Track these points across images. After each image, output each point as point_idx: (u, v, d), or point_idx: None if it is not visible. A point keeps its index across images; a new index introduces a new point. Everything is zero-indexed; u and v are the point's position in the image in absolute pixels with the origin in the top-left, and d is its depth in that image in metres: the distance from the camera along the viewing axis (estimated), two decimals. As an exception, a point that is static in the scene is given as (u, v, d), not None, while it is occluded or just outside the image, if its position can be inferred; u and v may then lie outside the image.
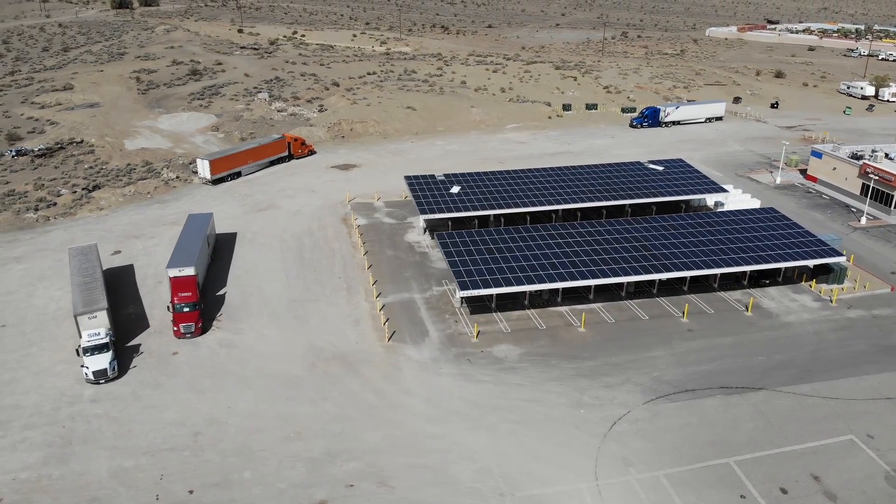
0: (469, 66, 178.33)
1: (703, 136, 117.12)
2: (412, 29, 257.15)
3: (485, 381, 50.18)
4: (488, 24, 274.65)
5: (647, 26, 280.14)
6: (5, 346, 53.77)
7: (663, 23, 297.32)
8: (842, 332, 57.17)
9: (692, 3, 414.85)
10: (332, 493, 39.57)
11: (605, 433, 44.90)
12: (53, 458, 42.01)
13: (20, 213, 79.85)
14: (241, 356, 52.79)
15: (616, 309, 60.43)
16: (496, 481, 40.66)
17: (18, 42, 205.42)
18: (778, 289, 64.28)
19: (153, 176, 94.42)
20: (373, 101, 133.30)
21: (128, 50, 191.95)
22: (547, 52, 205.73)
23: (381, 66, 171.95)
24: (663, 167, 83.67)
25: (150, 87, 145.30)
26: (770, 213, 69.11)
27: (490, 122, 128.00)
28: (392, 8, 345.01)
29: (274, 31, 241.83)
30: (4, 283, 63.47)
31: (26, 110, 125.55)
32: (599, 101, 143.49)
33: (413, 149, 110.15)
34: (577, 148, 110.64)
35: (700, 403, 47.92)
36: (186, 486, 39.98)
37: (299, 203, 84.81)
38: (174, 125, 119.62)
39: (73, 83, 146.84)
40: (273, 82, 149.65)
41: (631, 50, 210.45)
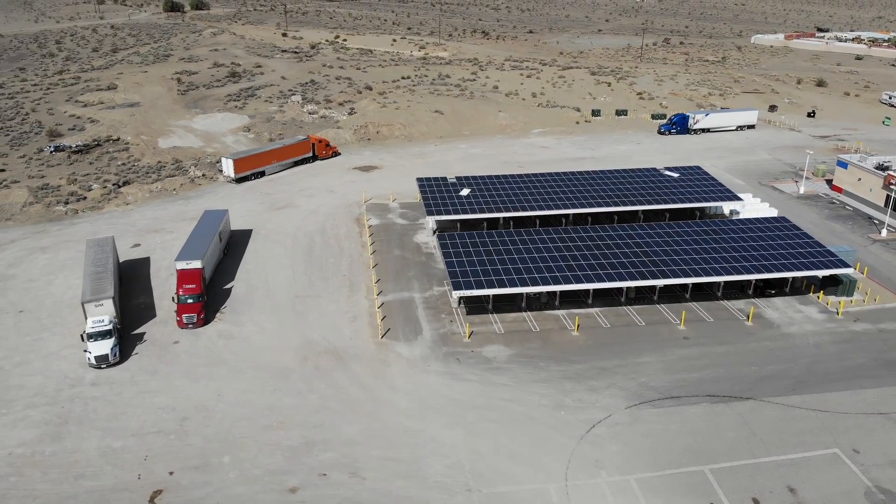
0: (504, 70, 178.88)
1: (732, 144, 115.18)
2: (452, 34, 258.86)
3: (470, 380, 50.80)
4: (529, 29, 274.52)
5: (691, 33, 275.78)
6: (21, 330, 56.73)
7: (709, 29, 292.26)
8: (843, 344, 55.91)
9: (742, 9, 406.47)
10: (304, 481, 40.78)
11: (581, 435, 45.04)
12: (48, 435, 44.32)
13: (51, 205, 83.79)
14: (237, 347, 54.59)
15: (614, 314, 60.29)
16: (465, 477, 41.27)
17: (71, 42, 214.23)
18: (784, 299, 63.13)
19: (181, 173, 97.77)
20: (402, 104, 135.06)
21: (173, 52, 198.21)
22: (584, 58, 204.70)
23: (416, 71, 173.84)
24: (679, 174, 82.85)
25: (189, 87, 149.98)
26: (781, 223, 67.92)
27: (516, 126, 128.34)
28: (436, 13, 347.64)
29: (317, 35, 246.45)
30: (27, 272, 66.81)
31: (70, 108, 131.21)
32: (631, 107, 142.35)
33: (436, 152, 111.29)
34: (601, 153, 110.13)
35: (683, 410, 47.60)
36: (168, 467, 41.73)
37: (317, 202, 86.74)
38: (208, 125, 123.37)
39: (117, 83, 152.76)
40: (308, 85, 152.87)
41: (671, 56, 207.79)
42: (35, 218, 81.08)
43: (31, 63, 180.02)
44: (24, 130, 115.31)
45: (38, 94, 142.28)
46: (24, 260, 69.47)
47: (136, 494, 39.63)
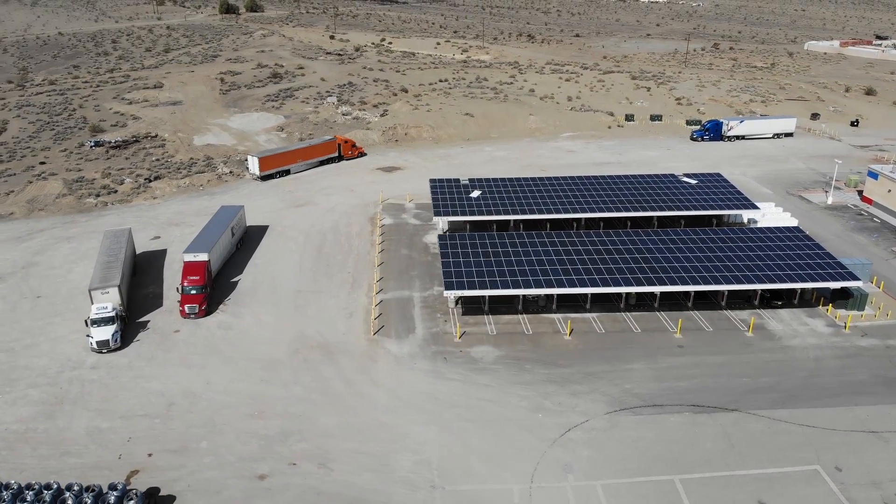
0: (544, 74, 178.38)
1: (766, 152, 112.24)
2: (497, 37, 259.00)
3: (454, 379, 51.19)
4: (576, 33, 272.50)
5: (743, 38, 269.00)
6: (35, 314, 59.72)
7: (762, 35, 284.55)
8: (846, 359, 54.13)
9: (801, 15, 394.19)
10: (273, 469, 41.91)
11: (555, 439, 44.93)
12: (43, 414, 46.66)
13: (82, 198, 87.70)
14: (234, 338, 56.29)
15: (610, 320, 59.76)
16: (431, 473, 41.72)
17: (126, 42, 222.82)
18: (791, 311, 61.44)
19: (209, 170, 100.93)
20: (434, 107, 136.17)
21: (222, 53, 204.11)
22: (628, 62, 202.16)
23: (454, 74, 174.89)
24: (697, 181, 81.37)
25: (231, 87, 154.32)
26: (793, 233, 66.09)
27: (546, 130, 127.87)
28: (484, 17, 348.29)
29: (364, 37, 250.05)
30: (51, 259, 70.16)
31: (116, 105, 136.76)
32: (669, 112, 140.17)
33: (461, 154, 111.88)
34: (627, 159, 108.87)
35: (663, 419, 46.96)
36: (148, 449, 43.46)
37: (335, 201, 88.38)
38: (243, 124, 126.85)
39: (163, 82, 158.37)
40: (345, 87, 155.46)
41: (718, 62, 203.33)
42: (66, 209, 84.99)
43: (86, 61, 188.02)
44: (69, 126, 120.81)
45: (87, 91, 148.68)
46: (50, 248, 72.97)
47: (114, 473, 41.40)
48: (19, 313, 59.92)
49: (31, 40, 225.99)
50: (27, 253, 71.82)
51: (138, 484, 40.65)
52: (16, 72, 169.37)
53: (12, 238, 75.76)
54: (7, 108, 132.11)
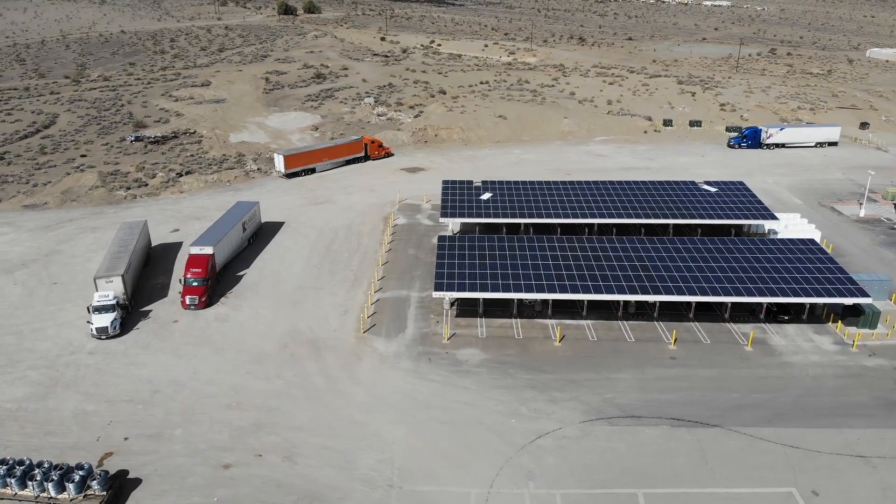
0: (588, 77, 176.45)
1: (805, 161, 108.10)
2: (547, 40, 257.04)
3: (434, 380, 51.21)
4: (629, 36, 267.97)
5: (804, 44, 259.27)
6: (49, 300, 62.56)
7: (824, 41, 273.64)
8: (846, 379, 51.72)
9: (869, 21, 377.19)
10: (239, 460, 42.81)
11: (524, 445, 44.45)
12: (36, 395, 48.86)
13: (113, 190, 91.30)
14: (228, 330, 57.71)
15: (605, 328, 58.70)
16: (392, 472, 41.87)
17: (184, 41, 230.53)
18: (798, 326, 59.09)
19: (239, 167, 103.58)
20: (469, 108, 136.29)
21: (272, 53, 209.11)
22: (678, 67, 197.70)
23: (496, 76, 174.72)
24: (717, 189, 79.03)
25: (275, 87, 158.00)
26: (807, 245, 63.50)
27: (579, 133, 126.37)
28: (538, 19, 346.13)
29: (414, 39, 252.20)
30: (73, 248, 73.33)
31: (162, 102, 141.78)
32: (712, 118, 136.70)
33: (488, 156, 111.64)
34: (658, 164, 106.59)
35: (639, 431, 45.87)
36: (125, 433, 45.02)
37: (353, 200, 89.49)
38: (280, 123, 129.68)
39: (211, 80, 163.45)
40: (385, 88, 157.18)
41: (772, 68, 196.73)
42: (97, 200, 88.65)
43: (143, 59, 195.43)
44: (114, 121, 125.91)
45: (138, 88, 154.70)
46: (74, 238, 76.26)
47: (89, 454, 43.05)
48: (34, 298, 62.85)
49: (94, 37, 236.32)
50: (52, 241, 75.24)
51: (110, 466, 42.15)
52: (74, 67, 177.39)
53: (42, 227, 79.50)
54: (59, 103, 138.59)
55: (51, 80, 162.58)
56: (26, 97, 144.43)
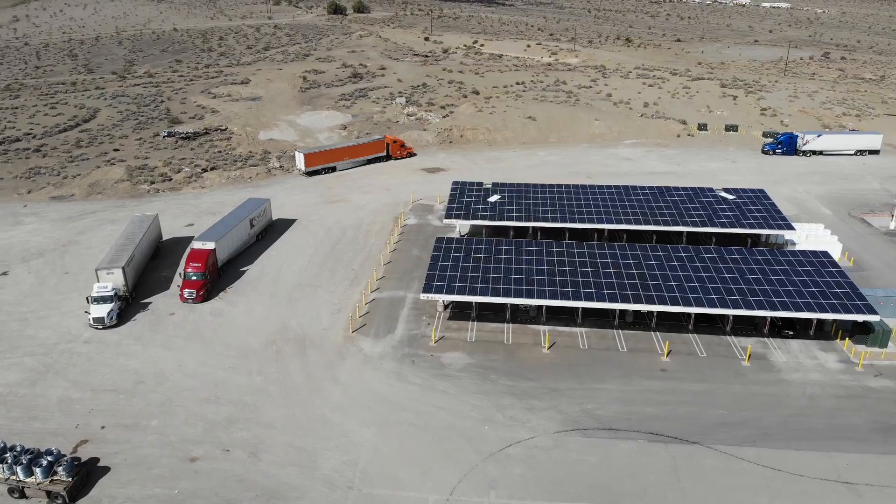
0: (628, 79, 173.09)
1: (841, 170, 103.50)
2: (593, 40, 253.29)
3: (414, 382, 50.83)
4: (678, 37, 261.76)
5: (861, 48, 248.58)
6: (57, 289, 64.63)
7: (882, 45, 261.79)
8: (845, 400, 49.15)
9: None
10: (206, 453, 43.31)
11: (492, 453, 43.68)
12: (28, 380, 50.50)
13: (137, 184, 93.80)
14: (220, 325, 58.52)
15: (599, 336, 57.29)
16: (354, 474, 41.70)
17: (233, 39, 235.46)
18: (803, 342, 56.50)
19: (263, 164, 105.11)
20: (499, 109, 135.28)
21: (315, 52, 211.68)
22: (724, 69, 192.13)
23: (534, 77, 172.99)
24: (735, 196, 76.31)
25: (311, 86, 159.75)
26: (819, 258, 60.65)
27: (609, 136, 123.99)
28: (588, 20, 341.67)
29: (458, 39, 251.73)
30: (90, 240, 75.58)
31: (201, 98, 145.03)
32: (752, 122, 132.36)
33: (511, 157, 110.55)
34: (685, 170, 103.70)
35: (614, 445, 44.53)
36: (103, 422, 46.11)
37: (368, 199, 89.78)
38: (310, 121, 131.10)
39: (251, 78, 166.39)
40: (418, 88, 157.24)
41: (823, 72, 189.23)
42: (121, 193, 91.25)
43: (190, 56, 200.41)
44: (152, 116, 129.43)
45: (180, 85, 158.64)
46: (94, 229, 78.63)
47: (65, 440, 44.23)
48: (45, 287, 65.02)
49: (147, 34, 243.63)
50: (72, 232, 77.74)
51: (84, 453, 43.20)
52: (122, 64, 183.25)
53: (64, 217, 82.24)
54: (103, 98, 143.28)
55: (98, 76, 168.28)
56: (72, 92, 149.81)
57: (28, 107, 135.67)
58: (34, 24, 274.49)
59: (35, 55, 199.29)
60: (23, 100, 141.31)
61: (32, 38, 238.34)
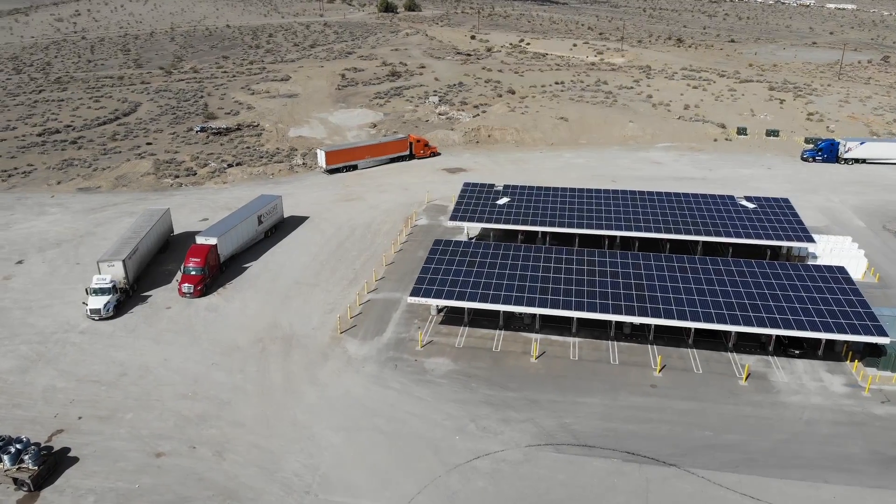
0: (673, 80, 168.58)
1: (884, 180, 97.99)
2: (643, 40, 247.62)
3: (392, 387, 50.07)
4: (731, 38, 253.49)
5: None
6: (66, 279, 66.31)
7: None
8: (845, 427, 46.11)
9: None
10: (173, 450, 43.49)
11: (458, 465, 42.56)
12: (19, 368, 51.81)
13: (162, 177, 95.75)
14: (213, 320, 58.95)
15: (591, 347, 55.39)
16: (313, 479, 41.19)
17: (281, 37, 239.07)
18: (810, 363, 53.40)
19: (287, 161, 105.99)
20: (532, 109, 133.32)
21: (359, 50, 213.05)
22: (775, 72, 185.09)
23: (575, 76, 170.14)
24: (756, 205, 72.91)
25: (349, 84, 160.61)
26: (834, 273, 57.21)
27: (642, 138, 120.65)
28: (641, 19, 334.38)
29: (505, 38, 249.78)
30: (107, 231, 77.36)
31: (240, 94, 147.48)
32: (796, 127, 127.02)
33: (536, 159, 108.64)
34: (716, 175, 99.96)
35: (586, 462, 42.81)
36: (81, 412, 46.84)
37: (383, 198, 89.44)
38: (342, 119, 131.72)
39: (291, 75, 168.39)
40: (454, 87, 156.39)
41: (880, 76, 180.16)
42: (144, 186, 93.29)
43: (237, 53, 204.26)
44: (189, 111, 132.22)
45: (222, 81, 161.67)
46: (112, 221, 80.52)
47: (42, 429, 45.11)
48: (55, 277, 66.80)
49: (200, 30, 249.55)
50: (91, 223, 79.78)
51: (58, 442, 43.94)
52: (171, 59, 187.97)
53: (87, 209, 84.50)
54: (146, 92, 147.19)
55: (145, 71, 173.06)
56: (118, 86, 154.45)
57: (73, 100, 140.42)
58: (94, 19, 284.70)
59: (90, 49, 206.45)
60: (70, 92, 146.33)
61: (90, 32, 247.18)
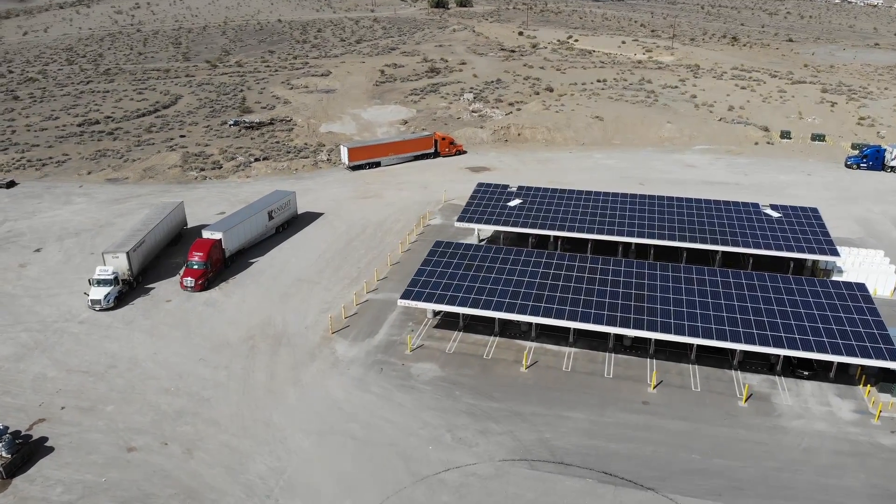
0: (721, 80, 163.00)
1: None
2: (695, 38, 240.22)
3: (373, 392, 49.18)
4: (789, 37, 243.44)
5: None
6: (78, 268, 67.73)
7: None
8: (847, 457, 42.97)
9: None
10: (145, 445, 43.58)
11: (426, 476, 41.36)
12: (15, 355, 52.96)
13: (187, 170, 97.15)
14: (208, 315, 59.16)
15: (587, 359, 53.31)
16: (277, 483, 40.62)
17: (329, 32, 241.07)
18: (819, 385, 50.14)
19: (313, 156, 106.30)
20: (568, 108, 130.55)
21: (403, 46, 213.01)
22: (831, 73, 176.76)
23: (618, 74, 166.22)
24: (780, 214, 69.17)
25: (387, 80, 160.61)
26: (853, 291, 53.58)
27: (678, 140, 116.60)
28: (698, 16, 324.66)
29: (553, 34, 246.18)
30: (126, 222, 78.79)
31: (279, 89, 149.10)
32: (845, 132, 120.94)
33: (564, 159, 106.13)
34: (750, 181, 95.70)
35: (559, 481, 41.00)
36: (65, 403, 47.48)
37: (400, 196, 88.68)
38: (374, 115, 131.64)
39: (332, 70, 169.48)
40: (492, 84, 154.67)
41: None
42: (170, 179, 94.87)
43: (284, 48, 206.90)
44: (227, 105, 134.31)
45: (264, 75, 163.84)
46: (132, 212, 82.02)
47: (25, 417, 45.90)
48: (68, 266, 68.33)
49: (251, 25, 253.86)
50: (112, 214, 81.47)
51: (38, 432, 44.60)
52: (219, 53, 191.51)
53: (111, 199, 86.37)
54: (189, 85, 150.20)
55: (192, 64, 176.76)
56: (163, 78, 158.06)
57: (118, 91, 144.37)
58: (152, 12, 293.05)
59: (142, 42, 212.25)
60: (116, 84, 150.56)
61: (146, 25, 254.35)
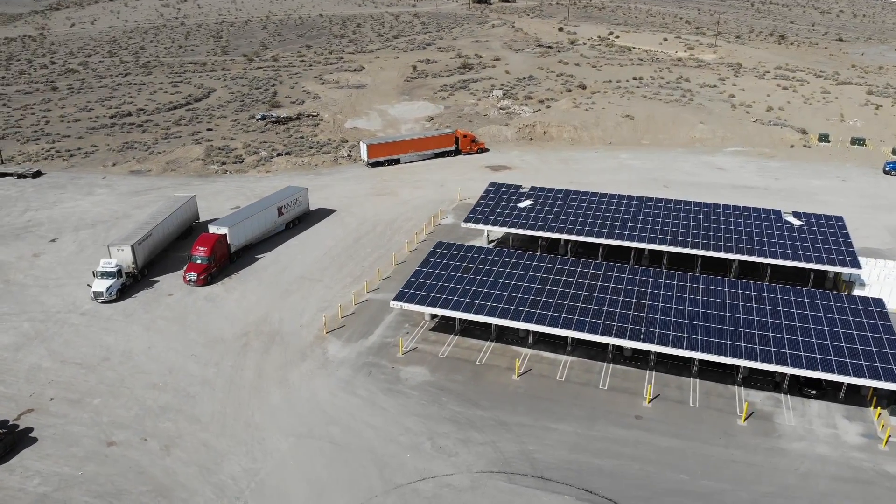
0: (763, 79, 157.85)
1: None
2: (741, 35, 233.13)
3: (359, 395, 48.45)
4: (839, 36, 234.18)
5: None
6: (89, 259, 68.70)
7: None
8: (846, 485, 40.47)
9: None
10: (125, 440, 43.68)
11: (400, 485, 40.42)
12: (15, 344, 53.84)
13: (209, 164, 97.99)
14: (207, 310, 59.26)
15: (584, 368, 51.61)
16: (248, 484, 40.20)
17: (368, 26, 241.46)
18: (827, 405, 47.49)
19: (334, 151, 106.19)
20: (598, 106, 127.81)
21: (439, 41, 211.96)
22: (879, 74, 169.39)
23: (655, 72, 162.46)
24: (802, 223, 65.99)
25: (418, 76, 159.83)
26: (869, 307, 50.56)
27: (710, 141, 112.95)
28: (747, 14, 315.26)
29: (594, 30, 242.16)
30: (141, 214, 79.63)
31: (310, 84, 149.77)
32: (887, 136, 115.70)
33: (588, 159, 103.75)
34: (780, 185, 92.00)
35: (537, 497, 39.58)
36: (54, 394, 47.98)
37: (415, 194, 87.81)
38: (401, 111, 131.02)
39: (365, 66, 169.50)
40: (523, 80, 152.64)
41: None
42: (191, 172, 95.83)
43: (321, 42, 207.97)
44: (258, 99, 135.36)
45: (298, 70, 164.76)
46: (150, 204, 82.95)
47: (15, 406, 46.51)
48: (80, 257, 69.42)
49: (293, 19, 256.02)
50: (129, 206, 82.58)
51: (25, 422, 45.12)
52: (256, 47, 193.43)
53: (131, 192, 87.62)
54: (223, 79, 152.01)
55: (229, 58, 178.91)
56: (200, 72, 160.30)
57: (154, 84, 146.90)
58: (198, 6, 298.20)
59: (184, 35, 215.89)
60: (153, 77, 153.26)
61: (191, 18, 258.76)
